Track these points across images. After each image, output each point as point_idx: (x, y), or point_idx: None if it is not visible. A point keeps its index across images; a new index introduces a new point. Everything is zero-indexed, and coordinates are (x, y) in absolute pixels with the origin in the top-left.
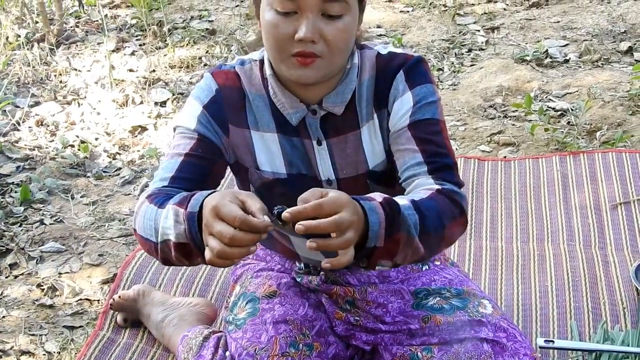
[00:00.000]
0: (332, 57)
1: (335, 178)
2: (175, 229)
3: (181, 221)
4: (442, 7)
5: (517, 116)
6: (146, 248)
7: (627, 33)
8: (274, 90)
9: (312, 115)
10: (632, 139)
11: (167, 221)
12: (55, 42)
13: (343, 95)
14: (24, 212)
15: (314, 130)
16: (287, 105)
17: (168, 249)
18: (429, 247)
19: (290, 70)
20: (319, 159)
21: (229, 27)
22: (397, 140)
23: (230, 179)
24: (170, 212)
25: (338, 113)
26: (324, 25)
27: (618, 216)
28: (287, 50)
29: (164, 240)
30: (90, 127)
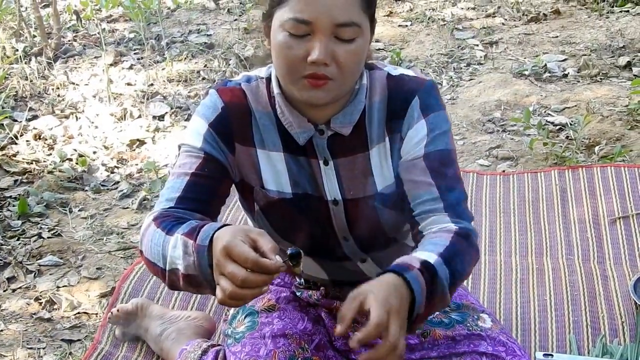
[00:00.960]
0: (343, 79)
1: (342, 199)
2: (184, 260)
3: (190, 253)
4: (441, 22)
5: (515, 130)
6: (153, 271)
7: (625, 48)
8: (281, 109)
9: (319, 135)
10: (631, 154)
11: (175, 251)
12: (53, 56)
13: (351, 115)
14: (21, 225)
15: (321, 150)
16: (295, 124)
17: (176, 277)
18: (453, 293)
19: (302, 91)
20: (326, 179)
21: (227, 41)
22: (411, 170)
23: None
24: (179, 242)
25: (346, 134)
26: (337, 48)
27: (617, 231)
28: (298, 72)
29: (172, 269)
30: (88, 140)
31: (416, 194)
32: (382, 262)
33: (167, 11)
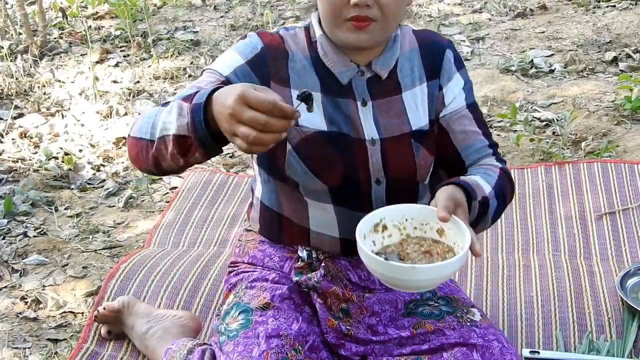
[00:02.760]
0: (385, 21)
1: (379, 138)
2: (177, 121)
3: (184, 114)
4: (427, 18)
5: (502, 126)
6: (136, 149)
7: (612, 43)
8: (324, 50)
9: (359, 77)
10: (617, 149)
11: (169, 116)
12: (39, 54)
13: (390, 60)
14: (7, 224)
15: (361, 91)
16: (339, 64)
17: (164, 145)
18: (493, 221)
19: (346, 34)
20: (363, 119)
21: (214, 38)
22: (460, 120)
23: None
24: (175, 106)
25: (383, 77)
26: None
27: (603, 226)
28: (342, 15)
29: (162, 136)
30: (74, 138)
31: (469, 143)
32: None
33: (153, 8)
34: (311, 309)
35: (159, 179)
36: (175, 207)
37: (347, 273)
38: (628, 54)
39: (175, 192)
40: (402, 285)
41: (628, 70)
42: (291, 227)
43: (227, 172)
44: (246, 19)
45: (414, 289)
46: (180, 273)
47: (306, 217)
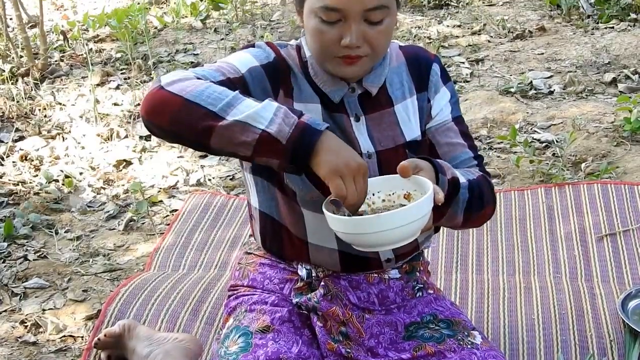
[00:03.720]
0: (375, 55)
1: (375, 151)
2: (277, 125)
3: (289, 123)
4: (427, 40)
5: (502, 148)
6: (178, 109)
7: (610, 64)
8: (314, 71)
9: (350, 94)
10: (617, 171)
11: (265, 112)
12: (40, 77)
13: (380, 77)
14: (7, 247)
15: (353, 107)
16: (330, 83)
17: (241, 131)
18: (466, 220)
19: (336, 68)
20: (358, 134)
21: (214, 60)
22: (446, 133)
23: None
24: (273, 107)
25: (373, 93)
26: (368, 30)
27: (604, 248)
28: (332, 52)
29: (245, 123)
30: (74, 161)
31: (454, 155)
32: None
33: (154, 31)
34: (311, 332)
35: (159, 202)
36: (176, 230)
37: (346, 293)
38: (627, 75)
39: (176, 215)
40: (374, 242)
41: (627, 91)
42: (291, 239)
43: (228, 194)
44: (246, 41)
45: (387, 244)
46: (181, 296)
47: (304, 229)
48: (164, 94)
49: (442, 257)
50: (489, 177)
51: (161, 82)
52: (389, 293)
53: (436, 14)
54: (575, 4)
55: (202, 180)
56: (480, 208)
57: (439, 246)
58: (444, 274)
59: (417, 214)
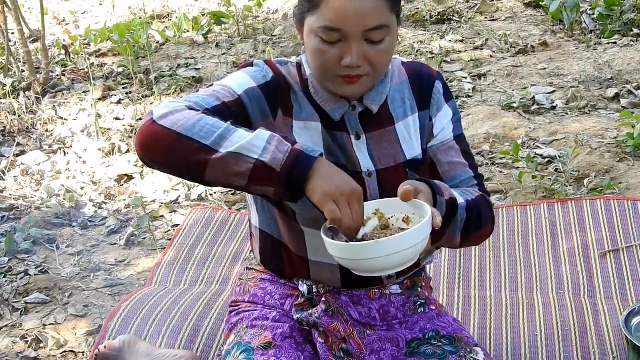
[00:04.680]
0: (376, 74)
1: (375, 170)
2: (271, 154)
3: (283, 151)
4: (429, 55)
5: (504, 163)
6: (172, 144)
7: (613, 80)
8: (315, 89)
9: (351, 111)
10: (620, 186)
11: (257, 141)
12: (42, 91)
13: (381, 94)
14: (8, 262)
15: (354, 125)
16: (330, 102)
17: (235, 162)
18: (464, 240)
19: (337, 87)
20: (358, 152)
21: (216, 75)
22: (447, 152)
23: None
24: (266, 136)
25: (374, 111)
26: (368, 49)
27: (607, 264)
28: (333, 72)
29: (238, 154)
30: (76, 176)
31: (455, 174)
32: None
33: (156, 45)
34: (313, 348)
35: (161, 217)
36: (177, 245)
37: (347, 309)
38: (630, 90)
39: (177, 230)
40: (374, 267)
41: (630, 106)
42: (291, 257)
43: (229, 209)
44: (248, 56)
45: (386, 269)
46: (182, 312)
47: (304, 247)
48: (156, 129)
49: (445, 273)
50: (489, 196)
51: (153, 115)
52: (390, 308)
53: (438, 28)
54: (577, 19)
55: (204, 195)
56: (478, 228)
57: (441, 262)
58: (447, 289)
59: (415, 239)
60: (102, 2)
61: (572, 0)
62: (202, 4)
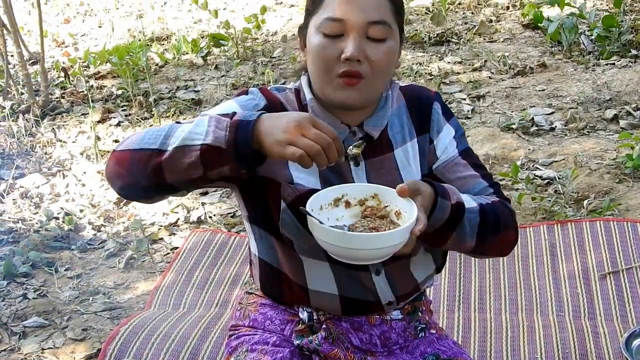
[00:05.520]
0: (374, 78)
1: None
2: (213, 133)
3: (223, 128)
4: (428, 76)
5: (504, 185)
6: (129, 161)
7: (612, 101)
8: (315, 113)
9: (351, 137)
10: (620, 207)
11: (197, 127)
12: (41, 113)
13: (382, 120)
14: (7, 286)
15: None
16: (331, 126)
17: (184, 154)
18: (480, 245)
19: (336, 91)
20: (356, 179)
21: (215, 97)
22: (454, 169)
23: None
24: (205, 120)
25: (375, 137)
26: (368, 47)
27: (607, 286)
28: (333, 70)
29: (183, 146)
30: (75, 198)
31: (468, 188)
32: (393, 279)
33: (155, 67)
34: None
35: (160, 240)
36: (176, 268)
37: (348, 336)
38: (628, 111)
39: (176, 253)
40: (342, 254)
41: (629, 127)
42: (290, 286)
43: (229, 231)
44: (247, 78)
45: (354, 260)
46: (181, 336)
47: (303, 276)
48: (115, 156)
49: (445, 296)
50: (508, 202)
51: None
52: (391, 334)
53: (437, 50)
54: (576, 40)
55: (203, 217)
56: (496, 232)
57: (441, 284)
58: (447, 312)
59: (390, 241)
60: (101, 25)
61: (570, 21)
62: (201, 26)
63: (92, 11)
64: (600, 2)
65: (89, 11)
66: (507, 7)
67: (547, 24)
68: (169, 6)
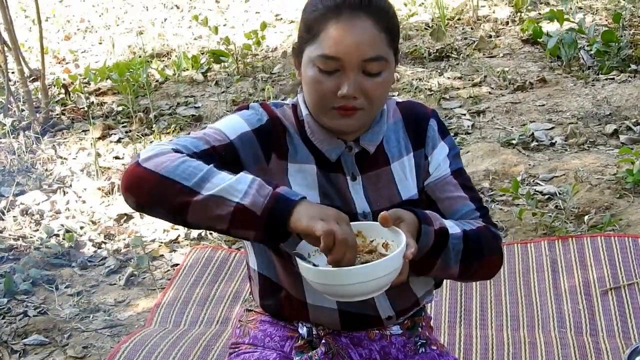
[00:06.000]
0: (371, 108)
1: (371, 211)
2: (252, 197)
3: (264, 195)
4: (428, 92)
5: (504, 200)
6: (155, 186)
7: (612, 115)
8: (311, 129)
9: (347, 152)
10: (621, 223)
11: (239, 185)
12: (41, 130)
13: (378, 135)
14: (7, 303)
15: (350, 166)
16: (327, 142)
17: (217, 205)
18: (465, 270)
19: (332, 120)
20: (354, 194)
21: (215, 113)
22: (445, 188)
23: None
24: (248, 179)
25: (371, 151)
26: (365, 81)
27: (609, 302)
28: (329, 104)
29: (220, 197)
30: (75, 215)
31: (455, 209)
32: (393, 294)
33: (156, 84)
34: None
35: (160, 256)
36: (177, 285)
37: (348, 351)
38: (628, 126)
39: (177, 270)
40: (340, 292)
41: (629, 142)
42: (290, 300)
43: (229, 248)
44: (247, 94)
45: (353, 296)
46: (182, 353)
47: (302, 290)
48: (140, 171)
49: (446, 312)
50: (495, 227)
51: (139, 157)
52: (391, 349)
53: (437, 65)
54: (575, 55)
55: (203, 234)
56: (479, 259)
57: (441, 301)
58: (448, 328)
59: (385, 269)
60: (101, 41)
61: (569, 36)
62: (201, 42)
63: (93, 28)
64: (600, 17)
65: (89, 28)
66: (506, 22)
67: (547, 39)
68: (170, 23)
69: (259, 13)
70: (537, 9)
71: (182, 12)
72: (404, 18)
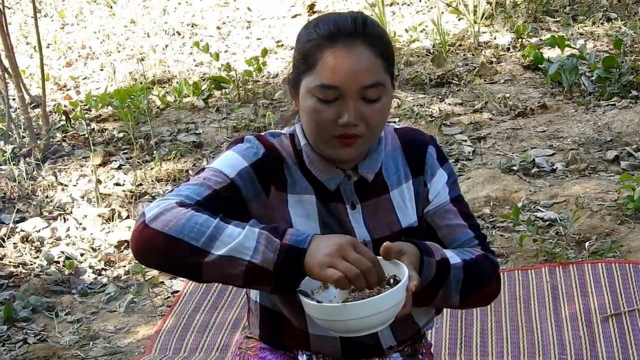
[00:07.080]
0: (371, 135)
1: (371, 239)
2: (262, 254)
3: (273, 249)
4: (429, 118)
5: (505, 227)
6: (165, 247)
7: (613, 142)
8: (309, 159)
9: (346, 181)
10: (622, 249)
11: (247, 241)
12: (42, 157)
13: (376, 162)
14: (7, 331)
15: (349, 195)
16: (325, 172)
17: (229, 264)
18: (465, 300)
19: (332, 149)
20: (354, 222)
21: (216, 139)
22: (445, 215)
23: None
24: (255, 234)
25: (370, 179)
26: (364, 108)
27: (609, 329)
28: (329, 133)
29: (231, 257)
30: (75, 242)
31: (454, 237)
32: (395, 324)
33: (156, 110)
34: None
35: (160, 283)
36: (177, 312)
37: None
38: (629, 152)
39: (177, 297)
40: (345, 328)
41: (630, 169)
42: (291, 330)
43: None
44: (248, 120)
45: (359, 331)
46: None
47: (304, 320)
48: (148, 233)
49: (446, 339)
50: (493, 255)
51: (145, 216)
52: None
53: (437, 92)
54: (576, 81)
55: None
56: (478, 288)
57: (442, 327)
58: (448, 356)
59: (388, 302)
60: (103, 68)
61: (570, 62)
62: (202, 68)
63: (94, 54)
64: (601, 43)
65: (90, 54)
66: (507, 48)
67: (548, 65)
68: (171, 49)
69: (260, 39)
70: (538, 35)
71: (183, 39)
72: (405, 44)
